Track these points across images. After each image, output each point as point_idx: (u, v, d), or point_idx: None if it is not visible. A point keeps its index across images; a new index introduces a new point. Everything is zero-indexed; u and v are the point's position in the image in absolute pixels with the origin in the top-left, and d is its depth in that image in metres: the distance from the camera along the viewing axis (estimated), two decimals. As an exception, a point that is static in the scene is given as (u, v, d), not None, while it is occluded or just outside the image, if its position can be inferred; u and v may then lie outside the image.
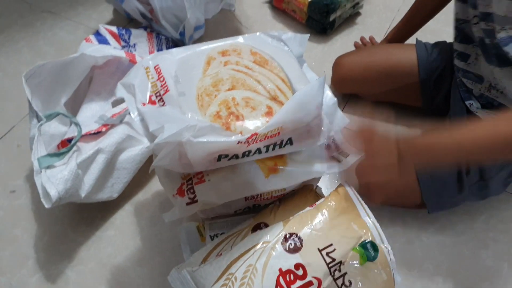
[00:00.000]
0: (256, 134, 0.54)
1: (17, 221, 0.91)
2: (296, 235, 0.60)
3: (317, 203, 0.65)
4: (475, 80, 0.87)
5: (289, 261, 0.58)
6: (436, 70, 0.98)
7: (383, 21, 1.36)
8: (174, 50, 0.67)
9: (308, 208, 0.64)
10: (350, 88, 1.11)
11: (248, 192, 0.63)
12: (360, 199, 0.66)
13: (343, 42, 1.30)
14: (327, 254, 0.59)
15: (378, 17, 1.38)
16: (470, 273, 0.86)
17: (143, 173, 0.96)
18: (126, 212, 0.94)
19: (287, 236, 0.60)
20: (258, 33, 0.73)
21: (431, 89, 1.00)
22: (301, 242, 0.59)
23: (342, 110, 1.09)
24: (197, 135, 0.51)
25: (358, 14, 1.38)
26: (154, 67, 0.63)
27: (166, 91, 0.60)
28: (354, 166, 0.68)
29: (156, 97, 0.60)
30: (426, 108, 1.03)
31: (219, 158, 0.56)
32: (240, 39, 0.71)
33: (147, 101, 0.59)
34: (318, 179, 0.75)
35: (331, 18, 1.24)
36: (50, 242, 0.89)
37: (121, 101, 0.62)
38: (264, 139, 0.56)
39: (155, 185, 0.98)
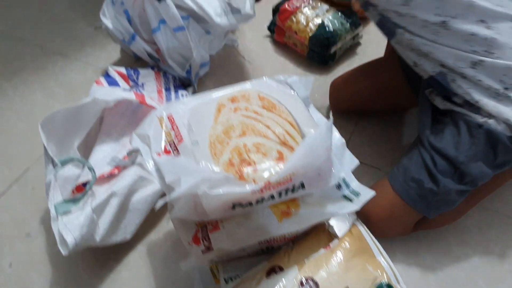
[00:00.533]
0: (269, 183, 0.55)
1: (33, 264, 0.93)
2: (312, 279, 0.61)
3: (331, 244, 0.66)
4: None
5: None
6: None
7: (382, 50, 1.38)
8: (186, 99, 0.69)
9: (322, 251, 0.65)
10: (346, 107, 1.17)
11: (262, 237, 0.64)
12: (373, 238, 0.67)
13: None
14: None
15: (378, 46, 1.39)
16: (487, 307, 0.86)
17: (155, 213, 0.97)
18: (139, 253, 0.95)
19: (303, 281, 0.60)
20: (264, 78, 0.75)
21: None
22: (317, 287, 0.60)
23: (348, 141, 1.13)
24: (212, 186, 0.53)
25: (358, 44, 1.41)
26: (168, 117, 0.65)
27: (180, 140, 0.62)
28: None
29: (171, 146, 0.62)
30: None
31: (234, 207, 0.57)
32: (247, 84, 0.74)
33: (162, 151, 0.61)
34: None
35: (332, 50, 1.27)
36: (66, 286, 0.90)
37: (136, 151, 0.64)
38: (277, 186, 0.58)
39: (166, 225, 0.99)
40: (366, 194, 0.71)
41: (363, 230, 0.67)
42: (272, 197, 0.59)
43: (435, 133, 0.83)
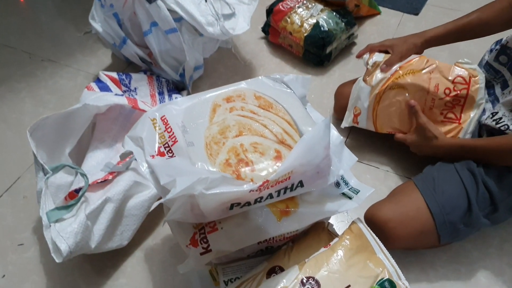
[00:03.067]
0: (267, 181, 0.54)
1: (26, 275, 0.90)
2: (313, 278, 0.59)
3: (331, 243, 0.64)
4: None
5: None
6: None
7: (378, 49, 1.38)
8: (179, 100, 0.68)
9: (322, 249, 0.63)
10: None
11: (261, 237, 0.62)
12: (373, 235, 0.66)
13: (340, 73, 1.31)
14: None
15: (373, 46, 1.40)
16: (488, 300, 0.85)
17: (152, 218, 0.95)
18: (136, 259, 0.93)
19: (304, 280, 0.59)
20: (260, 77, 0.74)
21: None
22: (319, 286, 0.58)
23: (346, 140, 1.12)
24: (209, 187, 0.51)
25: (353, 44, 1.40)
26: (161, 118, 0.64)
27: (175, 141, 0.60)
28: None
29: (165, 148, 0.60)
30: None
31: (232, 207, 0.56)
32: (243, 84, 0.72)
33: (156, 153, 0.60)
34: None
35: (328, 50, 1.26)
36: (61, 296, 0.88)
37: (129, 154, 0.62)
38: (275, 184, 0.56)
39: (164, 230, 0.97)
40: (366, 191, 0.70)
41: (363, 227, 0.66)
42: (271, 196, 0.58)
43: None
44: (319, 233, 0.70)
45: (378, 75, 0.99)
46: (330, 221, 0.77)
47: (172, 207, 0.53)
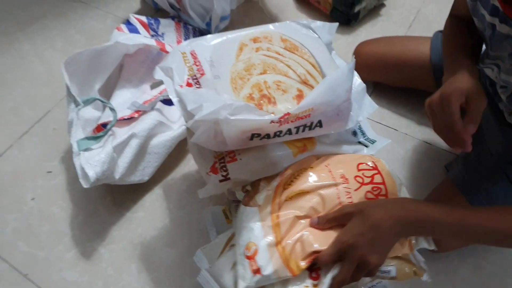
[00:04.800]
0: (288, 114, 0.56)
1: (54, 200, 0.96)
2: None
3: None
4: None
5: None
6: None
7: (407, 13, 1.36)
8: (208, 36, 0.70)
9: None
10: (368, 75, 1.12)
11: (277, 170, 0.65)
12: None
13: (367, 34, 1.31)
14: None
15: (403, 9, 1.38)
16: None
17: (172, 157, 0.99)
18: (155, 195, 0.98)
19: None
20: (288, 21, 0.75)
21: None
22: None
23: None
24: (233, 113, 0.54)
25: (382, 5, 1.38)
26: (190, 52, 0.66)
27: (202, 74, 0.63)
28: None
29: (193, 80, 0.63)
30: None
31: (252, 137, 0.59)
32: (270, 26, 0.74)
33: (184, 83, 0.62)
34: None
35: (356, 9, 1.26)
36: (84, 221, 0.93)
37: (160, 83, 0.65)
38: (295, 120, 0.59)
39: (183, 169, 1.01)
40: (382, 142, 0.72)
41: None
42: (290, 131, 0.60)
43: None
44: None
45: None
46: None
47: (196, 131, 0.56)
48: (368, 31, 1.32)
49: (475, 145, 0.87)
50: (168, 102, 0.99)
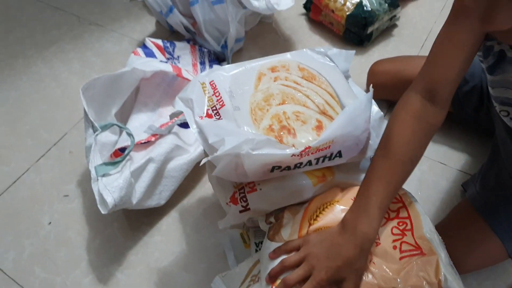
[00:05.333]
0: (309, 147, 0.57)
1: (70, 224, 0.97)
2: None
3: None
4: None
5: None
6: (466, 84, 0.98)
7: (419, 33, 1.37)
8: (227, 66, 0.71)
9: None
10: (382, 94, 1.13)
11: (296, 200, 0.66)
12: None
13: (380, 54, 1.31)
14: None
15: (415, 29, 1.39)
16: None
17: (188, 180, 1.00)
18: (171, 219, 0.98)
19: None
20: (304, 50, 0.76)
21: (460, 99, 0.99)
22: None
23: (384, 116, 1.13)
24: (255, 147, 0.54)
25: (394, 26, 1.39)
26: (210, 83, 0.67)
27: (222, 105, 0.64)
28: None
29: (213, 110, 0.64)
30: (457, 115, 1.04)
31: (273, 169, 0.59)
32: (287, 55, 0.75)
33: (205, 114, 0.63)
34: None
35: (369, 30, 1.26)
36: (101, 245, 0.94)
37: (179, 113, 0.66)
38: (316, 152, 0.59)
39: (199, 192, 1.02)
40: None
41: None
42: (310, 163, 0.61)
43: None
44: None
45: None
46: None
47: (218, 164, 0.57)
48: (380, 52, 1.32)
49: (492, 166, 0.87)
50: (184, 125, 1.00)
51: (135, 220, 0.97)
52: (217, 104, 0.64)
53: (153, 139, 0.96)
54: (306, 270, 0.57)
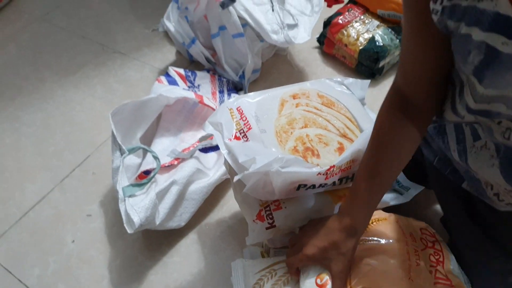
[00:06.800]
0: (333, 166, 0.61)
1: (92, 243, 1.00)
2: None
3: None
4: None
5: None
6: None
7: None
8: (251, 94, 0.76)
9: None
10: None
11: (317, 216, 0.69)
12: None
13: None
14: None
15: (423, 63, 1.45)
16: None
17: (206, 204, 1.03)
18: (190, 240, 1.01)
19: None
20: (323, 79, 0.82)
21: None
22: None
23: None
24: (284, 165, 0.59)
25: (404, 59, 1.45)
26: (237, 108, 0.72)
27: (249, 128, 0.68)
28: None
29: (240, 133, 0.68)
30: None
31: (299, 187, 0.63)
32: (307, 84, 0.80)
33: (233, 137, 0.68)
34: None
35: (381, 64, 1.32)
36: (122, 265, 0.96)
37: (209, 136, 0.70)
38: (339, 172, 0.63)
39: (216, 215, 1.05)
40: (416, 188, 0.76)
41: None
42: (334, 183, 0.65)
43: None
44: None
45: None
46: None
47: (248, 182, 0.60)
48: (391, 84, 1.38)
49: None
50: (205, 150, 1.05)
51: (154, 241, 1.00)
52: (244, 127, 0.69)
53: (176, 162, 1.00)
54: (299, 246, 0.65)
